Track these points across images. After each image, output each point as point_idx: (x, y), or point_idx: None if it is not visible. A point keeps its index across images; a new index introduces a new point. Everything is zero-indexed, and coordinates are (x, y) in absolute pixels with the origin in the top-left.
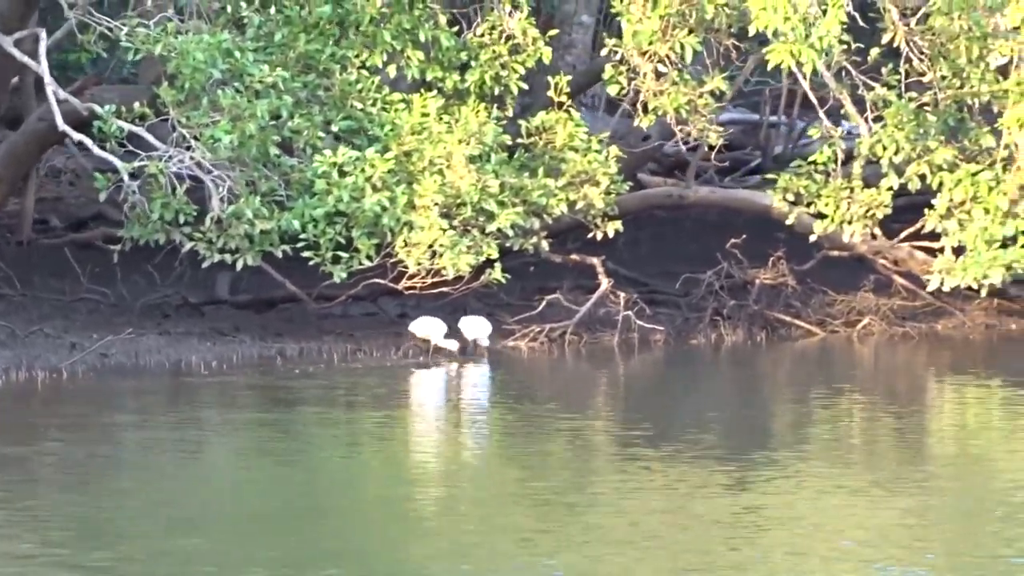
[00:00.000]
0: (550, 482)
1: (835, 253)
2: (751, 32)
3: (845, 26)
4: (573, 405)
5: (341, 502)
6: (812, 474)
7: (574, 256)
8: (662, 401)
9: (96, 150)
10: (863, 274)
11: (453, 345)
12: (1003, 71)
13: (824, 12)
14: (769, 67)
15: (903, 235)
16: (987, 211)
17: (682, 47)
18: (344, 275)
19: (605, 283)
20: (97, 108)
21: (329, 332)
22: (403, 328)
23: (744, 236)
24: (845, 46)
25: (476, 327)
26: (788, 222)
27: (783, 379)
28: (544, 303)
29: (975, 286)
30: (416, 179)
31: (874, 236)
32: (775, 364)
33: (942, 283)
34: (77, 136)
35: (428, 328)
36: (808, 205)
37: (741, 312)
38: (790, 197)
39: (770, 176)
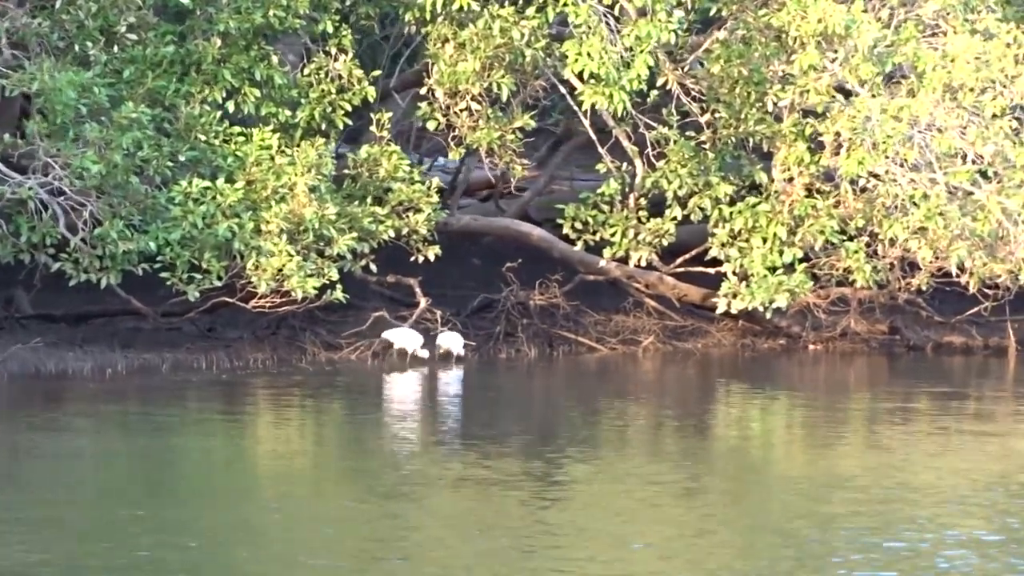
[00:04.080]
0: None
1: (591, 277)
2: (565, 75)
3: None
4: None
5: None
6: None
7: (390, 278)
8: (483, 407)
9: None
10: (619, 296)
11: (426, 354)
12: (777, 113)
13: (632, 58)
14: (583, 108)
15: (679, 261)
16: (765, 240)
17: (498, 87)
18: (197, 294)
19: (423, 302)
20: None
21: (163, 344)
22: (229, 341)
23: (520, 260)
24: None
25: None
26: (576, 248)
27: (588, 388)
28: (371, 320)
29: (762, 309)
30: (260, 207)
31: (656, 267)
32: (574, 375)
33: (729, 306)
34: None
35: (405, 338)
36: (594, 233)
37: (528, 330)
38: (578, 226)
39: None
